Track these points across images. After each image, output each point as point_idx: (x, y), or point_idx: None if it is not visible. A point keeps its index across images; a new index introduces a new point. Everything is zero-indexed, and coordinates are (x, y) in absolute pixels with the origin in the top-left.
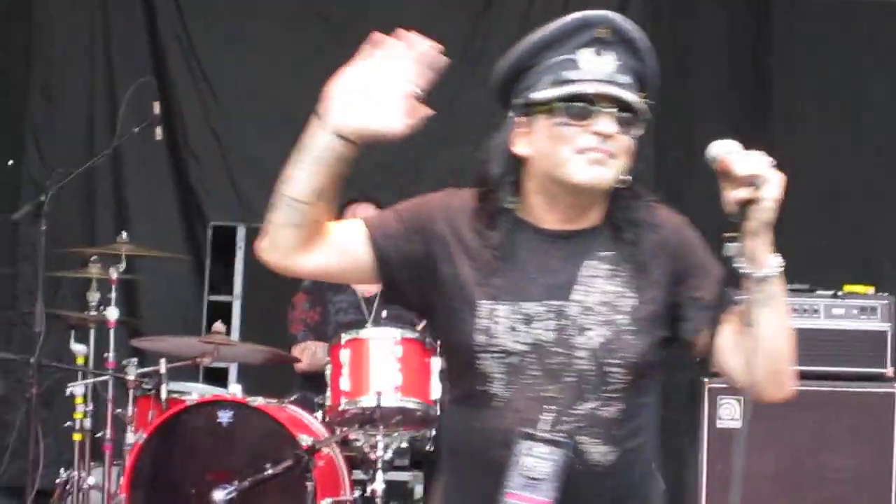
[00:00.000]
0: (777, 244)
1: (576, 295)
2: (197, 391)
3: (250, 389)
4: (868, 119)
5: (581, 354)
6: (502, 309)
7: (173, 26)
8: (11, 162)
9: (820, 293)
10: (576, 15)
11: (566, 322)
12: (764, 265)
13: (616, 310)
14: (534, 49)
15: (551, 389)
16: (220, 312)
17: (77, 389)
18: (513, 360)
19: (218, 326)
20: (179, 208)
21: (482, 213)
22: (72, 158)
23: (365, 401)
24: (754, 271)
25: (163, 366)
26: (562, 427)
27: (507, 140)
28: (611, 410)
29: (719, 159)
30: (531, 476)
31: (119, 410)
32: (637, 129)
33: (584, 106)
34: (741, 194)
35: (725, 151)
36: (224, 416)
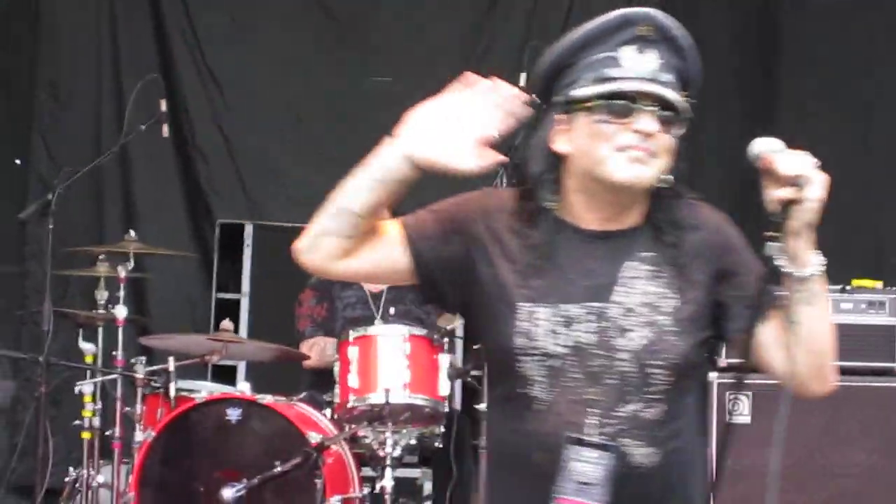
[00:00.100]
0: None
1: (616, 296)
2: (205, 389)
3: (259, 387)
4: (876, 115)
5: (623, 356)
6: (542, 311)
7: (179, 24)
8: (19, 161)
9: (828, 288)
10: (618, 12)
11: (607, 324)
12: (807, 264)
13: (658, 311)
14: (575, 46)
15: (593, 392)
16: (228, 310)
17: (86, 388)
18: (553, 363)
19: (226, 324)
20: (187, 206)
21: (522, 213)
22: (79, 157)
23: (373, 398)
24: (797, 270)
25: (171, 364)
26: (605, 430)
27: (547, 138)
28: (653, 412)
29: (763, 157)
30: (582, 481)
31: (128, 409)
32: (678, 128)
33: (626, 104)
34: (784, 194)
35: (769, 150)
36: (233, 414)
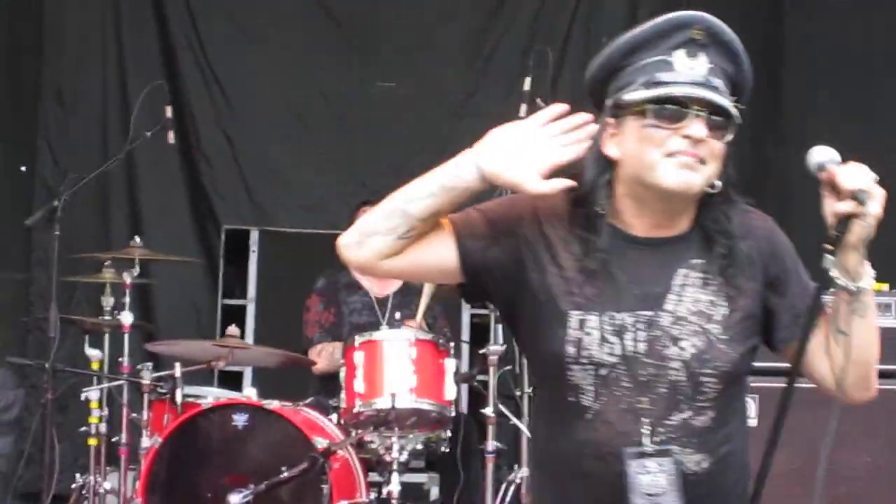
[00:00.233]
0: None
1: (668, 305)
2: (212, 395)
3: (265, 393)
4: (881, 117)
5: (674, 365)
6: (593, 319)
7: (184, 29)
8: (24, 168)
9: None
10: (670, 15)
11: (658, 333)
12: (860, 277)
13: (708, 319)
14: (627, 49)
15: (643, 401)
16: (234, 316)
17: (92, 394)
18: (603, 372)
19: (232, 330)
20: (192, 212)
21: (578, 219)
22: (84, 163)
23: (380, 402)
24: (851, 283)
25: (177, 370)
26: (656, 439)
27: (599, 142)
28: (703, 419)
29: (827, 170)
30: (651, 493)
31: (134, 415)
32: (728, 134)
33: (676, 108)
34: (845, 207)
35: (831, 161)
36: (239, 420)
